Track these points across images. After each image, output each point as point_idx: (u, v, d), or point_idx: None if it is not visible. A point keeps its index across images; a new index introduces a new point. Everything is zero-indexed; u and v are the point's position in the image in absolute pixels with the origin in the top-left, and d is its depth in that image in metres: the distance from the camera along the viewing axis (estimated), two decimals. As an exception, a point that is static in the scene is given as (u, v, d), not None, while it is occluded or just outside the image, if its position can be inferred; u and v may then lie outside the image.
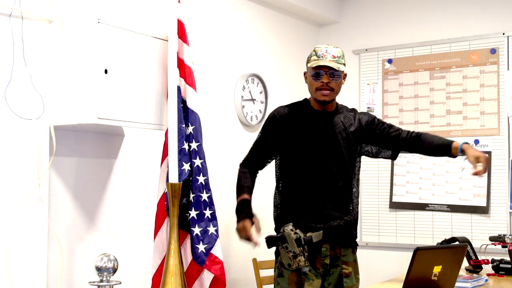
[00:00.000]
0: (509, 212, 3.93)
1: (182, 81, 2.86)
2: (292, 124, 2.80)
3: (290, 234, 2.62)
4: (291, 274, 2.70)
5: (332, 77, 2.72)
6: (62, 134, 2.68)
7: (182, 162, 2.77)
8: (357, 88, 4.59)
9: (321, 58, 2.71)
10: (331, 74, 2.71)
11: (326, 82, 2.72)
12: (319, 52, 2.73)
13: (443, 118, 4.22)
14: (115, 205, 2.97)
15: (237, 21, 3.93)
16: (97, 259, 2.46)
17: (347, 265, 2.77)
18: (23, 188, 2.49)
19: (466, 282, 3.04)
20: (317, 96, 2.76)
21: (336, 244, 2.76)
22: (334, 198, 2.77)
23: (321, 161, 2.76)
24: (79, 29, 2.53)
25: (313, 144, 2.77)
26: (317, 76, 2.72)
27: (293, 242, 2.61)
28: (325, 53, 2.72)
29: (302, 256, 2.61)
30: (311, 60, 2.75)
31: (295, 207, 2.77)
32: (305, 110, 2.83)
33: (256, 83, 4.03)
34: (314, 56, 2.75)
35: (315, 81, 2.74)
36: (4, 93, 2.44)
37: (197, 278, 2.86)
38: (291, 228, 2.65)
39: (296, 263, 2.61)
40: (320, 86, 2.73)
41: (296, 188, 2.79)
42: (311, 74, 2.75)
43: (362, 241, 4.35)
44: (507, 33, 4.03)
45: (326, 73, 2.71)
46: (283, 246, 2.65)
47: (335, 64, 2.70)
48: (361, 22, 4.63)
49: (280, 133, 2.81)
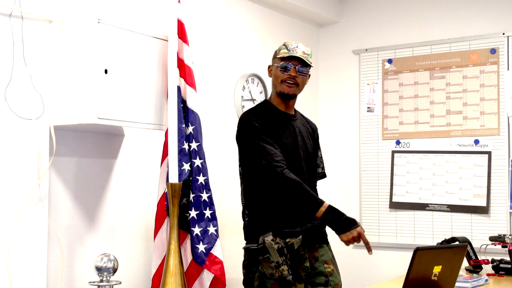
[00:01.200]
0: (509, 212, 3.93)
1: (182, 81, 2.85)
2: (268, 127, 2.75)
3: (272, 245, 2.54)
4: (273, 283, 2.63)
5: (300, 72, 2.74)
6: (62, 134, 2.68)
7: (182, 162, 2.77)
8: (357, 88, 4.59)
9: (291, 51, 2.73)
10: (299, 69, 2.73)
11: (293, 75, 2.73)
12: (290, 46, 2.76)
13: (443, 118, 4.22)
14: (115, 205, 2.97)
15: (237, 21, 3.93)
16: (97, 259, 2.46)
17: (328, 264, 2.78)
18: (23, 188, 2.49)
19: (466, 282, 3.04)
20: (282, 88, 2.76)
21: (313, 245, 2.76)
22: None
23: (294, 163, 2.75)
24: (79, 29, 2.53)
25: (285, 146, 2.74)
26: (285, 69, 2.74)
27: (275, 252, 2.53)
28: (295, 48, 2.74)
29: (285, 265, 2.54)
30: (280, 52, 2.77)
31: (269, 213, 2.72)
32: (274, 113, 2.82)
33: (256, 83, 4.03)
34: (284, 49, 2.76)
35: (281, 73, 2.75)
36: (4, 93, 2.44)
37: (197, 278, 2.85)
38: (272, 238, 2.57)
39: (279, 272, 2.54)
40: (287, 78, 2.74)
41: (268, 193, 2.72)
42: (279, 66, 2.75)
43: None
44: (507, 33, 4.03)
45: (294, 66, 2.73)
46: (264, 258, 2.56)
47: (305, 57, 2.73)
48: (361, 22, 4.63)
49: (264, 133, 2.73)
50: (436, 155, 4.22)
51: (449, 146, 4.18)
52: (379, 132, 4.47)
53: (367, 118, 4.53)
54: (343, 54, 4.67)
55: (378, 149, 4.47)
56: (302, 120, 2.95)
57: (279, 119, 2.80)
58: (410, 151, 4.33)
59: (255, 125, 2.72)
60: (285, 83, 2.75)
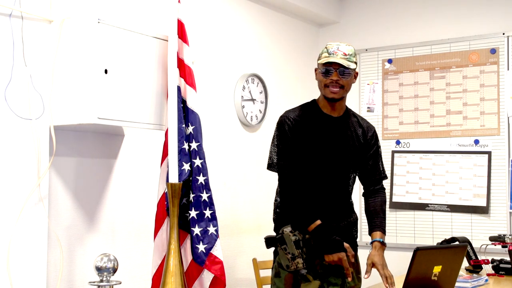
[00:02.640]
0: (509, 212, 3.93)
1: (182, 81, 2.85)
2: (303, 128, 2.75)
3: (289, 236, 2.62)
4: (288, 275, 2.70)
5: (342, 74, 2.69)
6: (62, 134, 2.68)
7: (182, 162, 2.77)
8: (357, 88, 4.58)
9: (332, 55, 2.69)
10: (341, 71, 2.68)
11: (335, 79, 2.69)
12: (330, 49, 2.70)
13: (443, 118, 4.22)
14: (115, 205, 2.97)
15: (237, 21, 3.93)
16: (97, 259, 2.46)
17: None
18: (23, 188, 2.49)
19: (466, 282, 3.04)
20: (326, 93, 2.73)
21: None
22: (339, 201, 2.79)
23: (328, 167, 2.75)
24: (79, 29, 2.53)
25: (325, 149, 2.74)
26: (327, 73, 2.70)
27: (292, 244, 2.60)
28: (336, 50, 2.69)
29: (300, 258, 2.60)
30: (322, 57, 2.73)
31: (297, 209, 2.72)
32: (315, 114, 2.80)
33: (256, 83, 4.03)
34: (325, 53, 2.72)
35: (324, 78, 2.71)
36: (4, 93, 2.44)
37: (197, 278, 2.85)
38: (290, 229, 2.64)
39: (294, 264, 2.60)
40: (329, 83, 2.70)
41: (301, 191, 2.73)
42: (320, 71, 2.73)
43: (362, 241, 4.35)
44: (507, 33, 4.03)
45: (336, 70, 2.69)
46: (281, 248, 2.65)
47: (345, 62, 2.67)
48: (361, 22, 4.63)
49: (293, 136, 2.75)
50: (436, 155, 4.22)
51: (449, 146, 4.18)
52: (379, 132, 4.47)
53: (367, 118, 4.51)
54: (343, 54, 4.67)
55: (378, 149, 4.46)
56: (351, 123, 2.87)
57: (318, 121, 2.78)
58: (410, 151, 4.33)
59: (281, 123, 2.78)
60: (329, 88, 2.71)
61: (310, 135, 2.75)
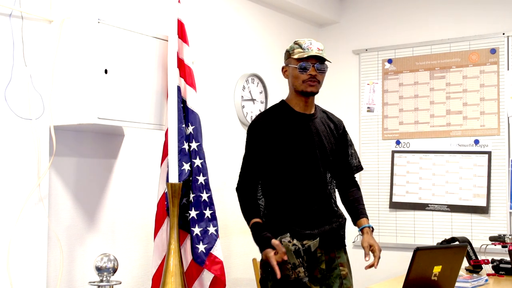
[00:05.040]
0: (509, 212, 3.93)
1: (182, 81, 2.85)
2: (275, 129, 2.72)
3: (288, 246, 2.54)
4: (288, 285, 2.59)
5: (319, 70, 2.68)
6: (62, 134, 2.68)
7: (182, 162, 2.77)
8: (357, 88, 4.59)
9: (307, 50, 2.66)
10: (318, 66, 2.67)
11: (313, 74, 2.67)
12: (304, 44, 2.68)
13: (443, 118, 4.22)
14: (115, 205, 2.97)
15: (237, 21, 3.93)
16: (97, 259, 2.46)
17: (343, 266, 2.76)
18: (23, 188, 2.49)
19: (466, 282, 3.04)
20: (305, 87, 2.69)
21: (330, 247, 2.73)
22: (323, 202, 2.75)
23: (310, 165, 2.72)
24: (79, 29, 2.53)
25: (301, 148, 2.72)
26: (304, 69, 2.67)
27: (292, 254, 2.53)
28: (310, 46, 2.67)
29: (301, 267, 2.54)
30: (295, 53, 2.69)
31: (286, 214, 2.70)
32: (288, 114, 2.77)
33: (256, 83, 4.03)
34: (298, 49, 2.69)
35: (301, 74, 2.68)
36: (4, 93, 2.44)
37: (197, 278, 2.85)
38: (289, 239, 2.57)
39: (296, 274, 2.53)
40: (308, 78, 2.68)
41: (285, 194, 2.71)
42: (297, 66, 2.68)
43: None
44: (507, 33, 4.03)
45: (313, 65, 2.67)
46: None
47: (321, 53, 2.67)
48: (361, 22, 4.63)
49: (264, 141, 2.71)
50: (436, 155, 4.22)
51: (449, 146, 4.18)
52: (379, 132, 4.47)
53: (367, 118, 4.53)
54: (343, 54, 4.67)
55: (378, 149, 4.47)
56: (322, 118, 2.86)
57: (293, 121, 2.76)
58: (410, 151, 4.33)
59: (250, 128, 2.76)
60: (307, 82, 2.69)
61: (285, 136, 2.71)
